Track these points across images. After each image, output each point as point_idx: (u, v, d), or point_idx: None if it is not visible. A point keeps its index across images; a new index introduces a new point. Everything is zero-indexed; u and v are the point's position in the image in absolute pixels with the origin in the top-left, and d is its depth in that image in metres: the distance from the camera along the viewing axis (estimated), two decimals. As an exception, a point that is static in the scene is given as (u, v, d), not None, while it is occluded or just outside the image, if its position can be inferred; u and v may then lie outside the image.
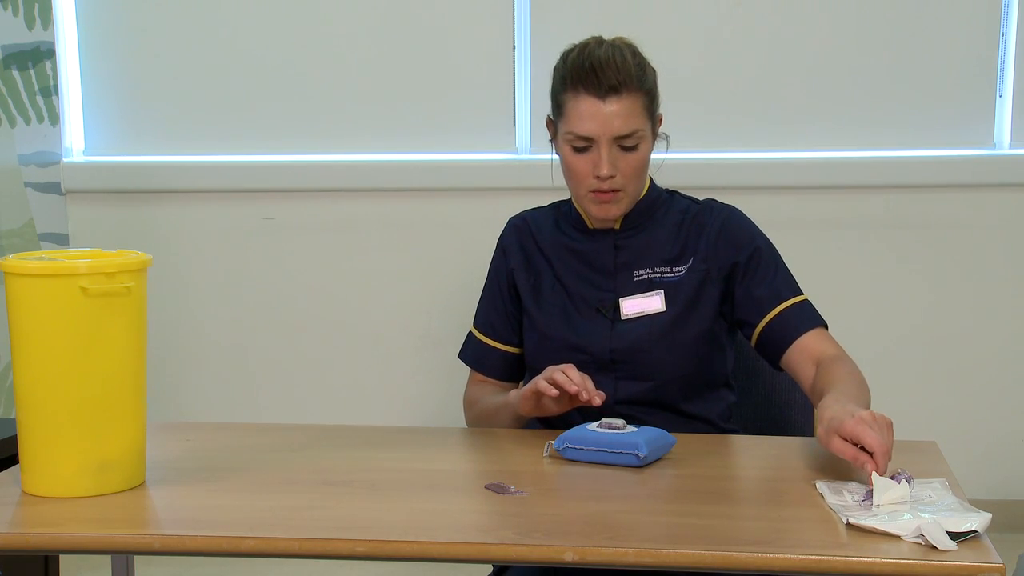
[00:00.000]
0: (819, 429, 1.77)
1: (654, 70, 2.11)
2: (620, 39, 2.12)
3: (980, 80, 3.59)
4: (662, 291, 2.12)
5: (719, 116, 3.63)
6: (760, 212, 2.18)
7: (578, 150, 2.06)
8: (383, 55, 3.70)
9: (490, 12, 3.65)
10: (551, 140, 2.15)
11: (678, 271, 2.13)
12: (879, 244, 3.66)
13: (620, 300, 2.13)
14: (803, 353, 2.08)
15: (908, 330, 3.69)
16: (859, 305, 3.68)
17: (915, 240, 3.66)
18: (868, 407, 1.91)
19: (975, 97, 3.59)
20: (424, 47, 3.69)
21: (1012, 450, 3.71)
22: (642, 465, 1.82)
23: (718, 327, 2.15)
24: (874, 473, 1.64)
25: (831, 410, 1.77)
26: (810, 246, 3.65)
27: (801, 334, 2.09)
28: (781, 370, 2.13)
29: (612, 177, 2.04)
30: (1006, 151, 3.61)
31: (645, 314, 2.11)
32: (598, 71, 2.02)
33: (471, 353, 2.27)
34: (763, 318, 2.11)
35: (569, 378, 1.93)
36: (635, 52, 2.09)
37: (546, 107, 2.17)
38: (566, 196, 2.24)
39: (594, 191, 2.06)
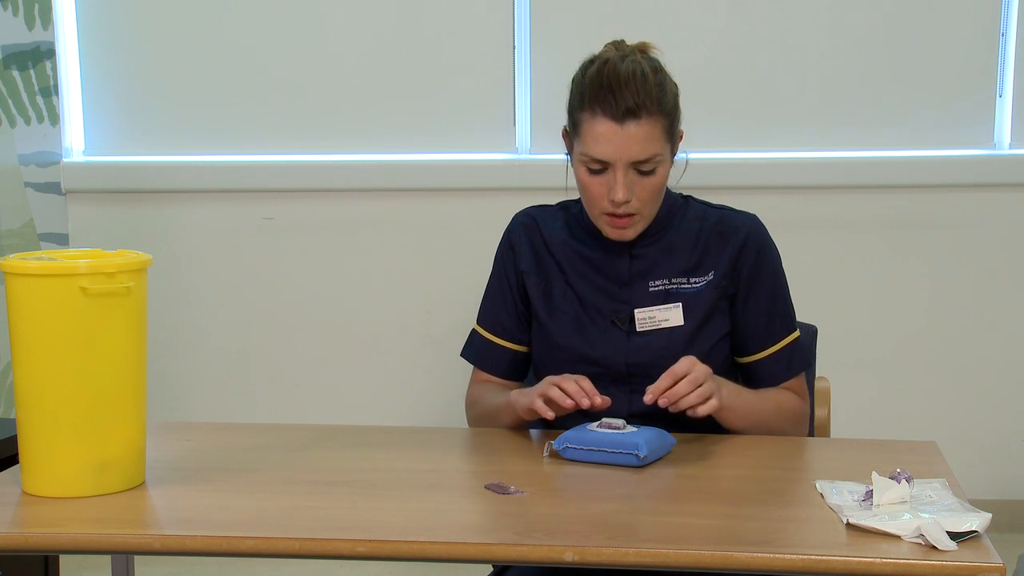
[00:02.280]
0: None
1: (675, 86, 2.04)
2: (643, 50, 2.04)
3: (980, 80, 3.59)
4: (680, 304, 2.07)
5: (719, 116, 3.62)
6: (760, 212, 2.17)
7: (593, 172, 2.00)
8: (383, 55, 3.70)
9: (490, 12, 3.65)
10: (567, 154, 2.10)
11: (695, 282, 2.09)
12: (879, 244, 3.66)
13: (635, 311, 2.08)
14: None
15: (908, 330, 3.69)
16: (859, 305, 3.68)
17: (915, 240, 3.66)
18: (753, 412, 2.04)
19: (975, 97, 3.59)
20: (424, 47, 3.69)
21: (1012, 450, 3.71)
22: (642, 465, 1.82)
23: (729, 336, 2.13)
24: (874, 473, 1.65)
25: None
26: (810, 246, 3.65)
27: (779, 383, 2.12)
28: None
29: (627, 202, 1.99)
30: (1006, 151, 3.61)
31: (662, 327, 2.07)
32: (616, 92, 1.95)
33: (475, 351, 2.22)
34: (750, 356, 2.12)
35: (565, 392, 1.90)
36: (657, 69, 2.01)
37: (546, 107, 2.17)
38: (572, 195, 2.18)
39: (609, 214, 2.02)
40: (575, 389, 1.91)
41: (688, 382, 1.88)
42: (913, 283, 3.67)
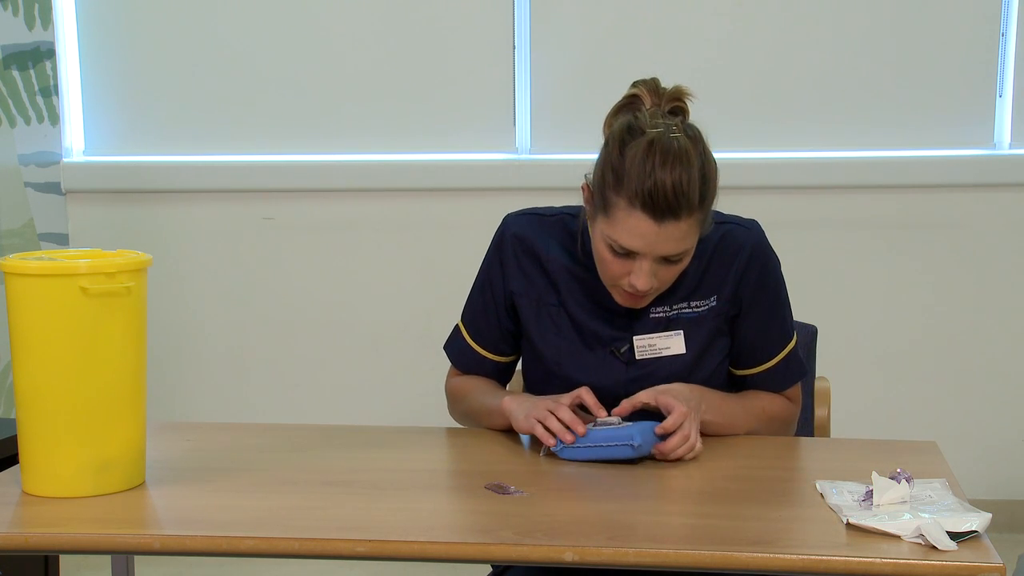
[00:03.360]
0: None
1: (714, 164, 1.91)
2: (678, 99, 1.96)
3: (980, 80, 3.59)
4: (682, 332, 2.02)
5: (718, 116, 3.59)
6: (760, 212, 2.17)
7: (617, 254, 1.89)
8: (383, 55, 3.70)
9: (490, 12, 3.65)
10: (585, 211, 1.97)
11: (697, 307, 2.03)
12: (879, 244, 3.66)
13: (635, 339, 2.02)
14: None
15: (908, 330, 3.69)
16: (859, 305, 3.68)
17: (915, 240, 3.65)
18: (734, 424, 2.01)
19: (975, 97, 3.59)
20: (424, 47, 3.69)
21: (1012, 450, 3.71)
22: (638, 457, 1.82)
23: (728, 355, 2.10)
24: (874, 473, 1.65)
25: (681, 386, 1.93)
26: (810, 246, 3.65)
27: (776, 393, 2.10)
28: None
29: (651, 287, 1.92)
30: (1006, 151, 3.61)
31: (663, 355, 2.02)
32: (662, 191, 1.81)
33: (456, 352, 2.18)
34: (746, 371, 2.09)
35: (563, 423, 1.87)
36: (697, 147, 1.88)
37: (546, 107, 2.14)
38: (571, 200, 2.11)
39: (625, 291, 1.94)
40: (571, 418, 1.87)
41: (680, 438, 1.85)
42: (913, 283, 3.67)
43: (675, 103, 1.96)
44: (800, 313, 2.22)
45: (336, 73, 3.72)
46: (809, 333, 2.32)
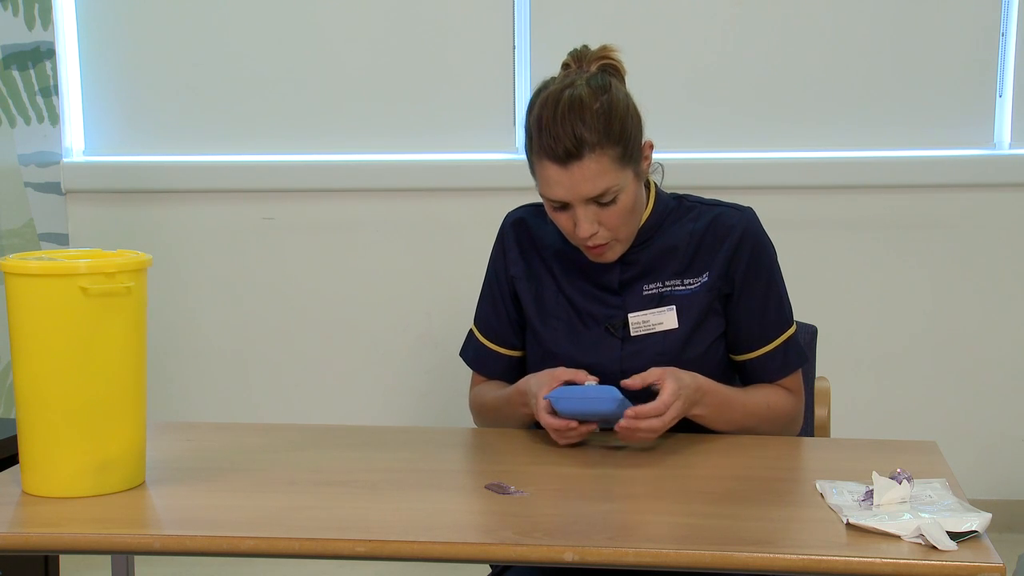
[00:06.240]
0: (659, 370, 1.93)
1: (627, 105, 1.97)
2: (604, 58, 2.00)
3: (980, 80, 3.59)
4: (674, 306, 2.05)
5: (719, 116, 3.62)
6: (760, 212, 2.17)
7: (556, 208, 1.98)
8: (383, 55, 3.70)
9: (490, 12, 3.65)
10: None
11: (690, 284, 2.06)
12: (879, 244, 3.67)
13: (629, 316, 2.05)
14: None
15: (908, 330, 3.69)
16: (859, 305, 3.68)
17: (915, 240, 3.66)
18: (732, 420, 2.02)
19: (975, 97, 3.59)
20: (424, 47, 3.69)
21: (1012, 450, 3.71)
22: (617, 416, 1.85)
23: (724, 336, 2.12)
24: (874, 473, 1.65)
25: (683, 373, 1.93)
26: (810, 246, 3.65)
27: (773, 381, 2.10)
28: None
29: (595, 234, 1.97)
30: (1006, 151, 3.61)
31: (657, 331, 2.05)
32: (555, 136, 1.91)
33: (472, 354, 2.21)
34: (744, 355, 2.10)
35: (549, 427, 1.92)
36: (600, 91, 1.94)
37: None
38: None
39: (583, 244, 2.00)
40: (559, 424, 1.91)
41: (647, 429, 1.87)
42: (913, 283, 3.67)
43: (601, 61, 2.02)
44: (800, 313, 2.22)
45: (336, 73, 3.72)
46: (809, 333, 2.32)
